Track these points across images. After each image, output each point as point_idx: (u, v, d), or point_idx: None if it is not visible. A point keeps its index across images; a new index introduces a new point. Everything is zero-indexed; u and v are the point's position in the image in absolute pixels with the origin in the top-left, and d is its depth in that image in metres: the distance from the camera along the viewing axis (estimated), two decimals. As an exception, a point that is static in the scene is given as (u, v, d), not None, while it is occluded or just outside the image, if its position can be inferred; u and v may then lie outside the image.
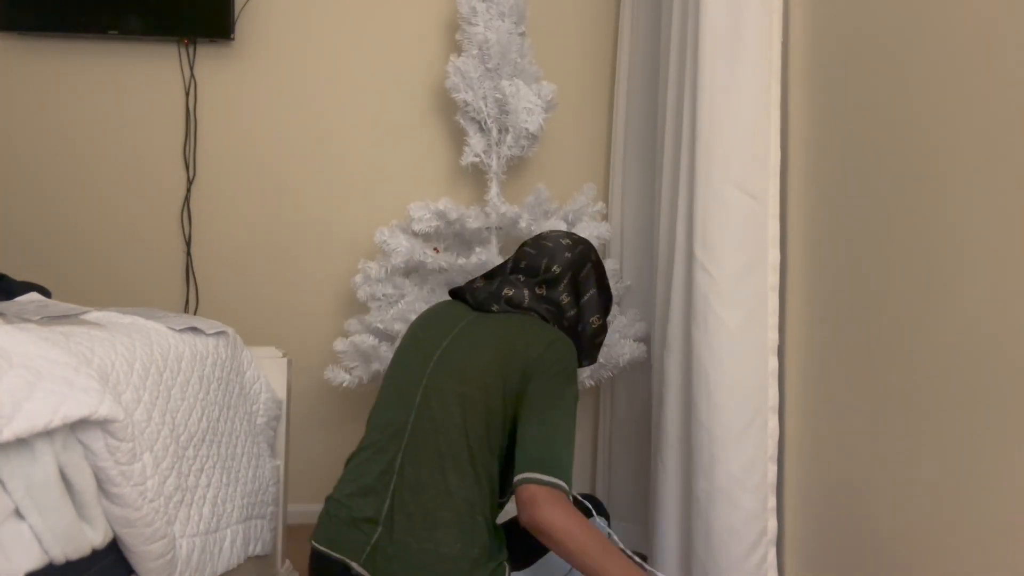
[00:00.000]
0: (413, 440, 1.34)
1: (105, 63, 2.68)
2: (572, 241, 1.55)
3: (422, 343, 1.44)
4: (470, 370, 1.35)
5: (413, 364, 1.42)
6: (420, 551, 1.27)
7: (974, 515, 1.18)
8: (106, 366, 1.16)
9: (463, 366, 1.36)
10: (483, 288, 1.49)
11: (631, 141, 2.51)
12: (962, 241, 1.21)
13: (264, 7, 2.71)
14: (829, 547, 1.58)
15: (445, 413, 1.33)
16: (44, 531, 0.97)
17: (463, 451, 1.30)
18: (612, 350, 2.28)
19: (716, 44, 1.76)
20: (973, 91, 1.19)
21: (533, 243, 1.55)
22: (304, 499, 2.67)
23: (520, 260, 1.52)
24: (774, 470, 1.71)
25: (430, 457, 1.31)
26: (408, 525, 1.29)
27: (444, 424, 1.32)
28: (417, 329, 1.50)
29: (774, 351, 1.72)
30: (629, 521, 2.45)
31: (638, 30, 2.48)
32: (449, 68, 2.41)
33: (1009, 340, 1.11)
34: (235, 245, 2.72)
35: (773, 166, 1.73)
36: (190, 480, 1.37)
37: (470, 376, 1.34)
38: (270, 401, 1.86)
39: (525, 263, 1.51)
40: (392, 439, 1.36)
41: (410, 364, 1.42)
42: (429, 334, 1.45)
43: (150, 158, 2.70)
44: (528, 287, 1.47)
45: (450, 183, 2.76)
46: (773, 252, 1.73)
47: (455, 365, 1.36)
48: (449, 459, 1.30)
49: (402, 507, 1.30)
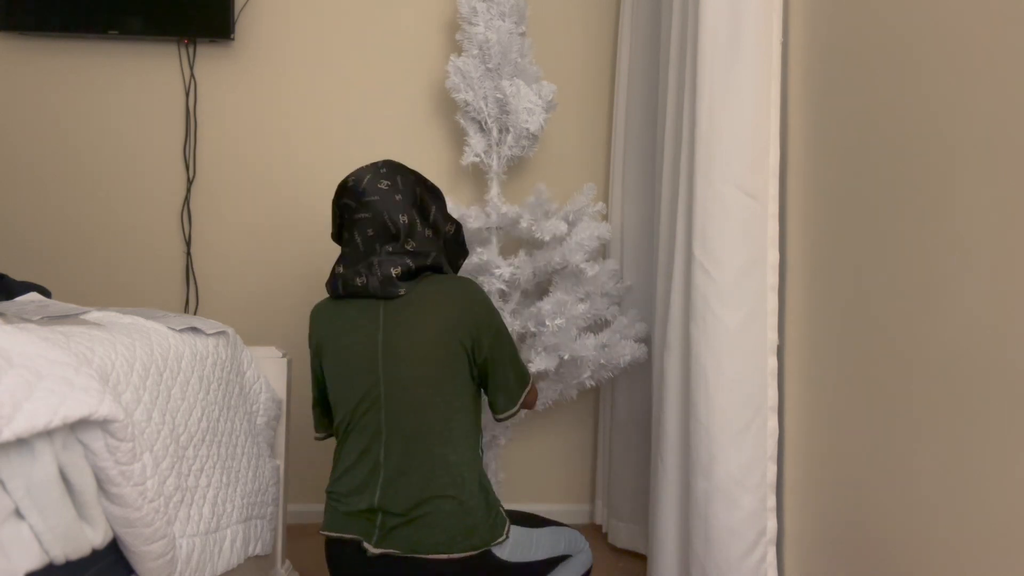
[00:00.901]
0: (391, 433, 1.44)
1: (105, 63, 2.68)
2: (385, 178, 1.50)
3: (354, 347, 1.47)
4: (416, 355, 1.43)
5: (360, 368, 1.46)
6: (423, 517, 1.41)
7: (974, 515, 1.18)
8: (106, 366, 1.16)
9: (408, 353, 1.44)
10: (367, 279, 1.47)
11: (631, 141, 2.51)
12: (962, 241, 1.21)
13: (264, 7, 2.71)
14: (829, 547, 1.58)
15: (411, 400, 1.43)
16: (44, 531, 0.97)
17: (438, 425, 1.43)
18: (613, 350, 2.29)
19: (716, 44, 1.76)
20: (973, 91, 1.19)
21: (357, 204, 1.50)
22: (304, 499, 2.67)
23: (364, 229, 1.49)
24: (773, 470, 1.72)
25: (410, 441, 1.43)
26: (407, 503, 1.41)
27: (414, 409, 1.43)
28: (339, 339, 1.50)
29: (773, 351, 1.73)
30: (629, 520, 2.45)
31: (638, 30, 2.48)
32: (449, 68, 2.41)
33: (1009, 340, 1.11)
34: (235, 245, 2.73)
35: (772, 166, 1.73)
36: (190, 480, 1.37)
37: (419, 358, 1.43)
38: (270, 401, 1.86)
39: (372, 231, 1.48)
40: (372, 439, 1.46)
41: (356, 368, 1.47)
42: (357, 336, 1.48)
43: (150, 158, 2.70)
44: (400, 255, 1.48)
45: (450, 183, 2.76)
46: (772, 252, 1.73)
47: (401, 353, 1.44)
48: (428, 437, 1.43)
49: (395, 492, 1.43)
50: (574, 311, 2.25)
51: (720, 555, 1.70)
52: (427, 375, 1.43)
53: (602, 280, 2.39)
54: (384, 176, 1.51)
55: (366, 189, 1.49)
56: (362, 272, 1.48)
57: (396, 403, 1.44)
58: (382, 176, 1.51)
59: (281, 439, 1.96)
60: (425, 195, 1.55)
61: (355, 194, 1.50)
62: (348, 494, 1.47)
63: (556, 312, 2.23)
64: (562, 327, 2.22)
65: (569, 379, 2.36)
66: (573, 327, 2.26)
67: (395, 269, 1.46)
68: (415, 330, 1.44)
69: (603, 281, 2.39)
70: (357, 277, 1.48)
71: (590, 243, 2.30)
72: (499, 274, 2.28)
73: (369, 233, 1.48)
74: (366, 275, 1.47)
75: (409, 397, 1.43)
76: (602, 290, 2.39)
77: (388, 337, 1.45)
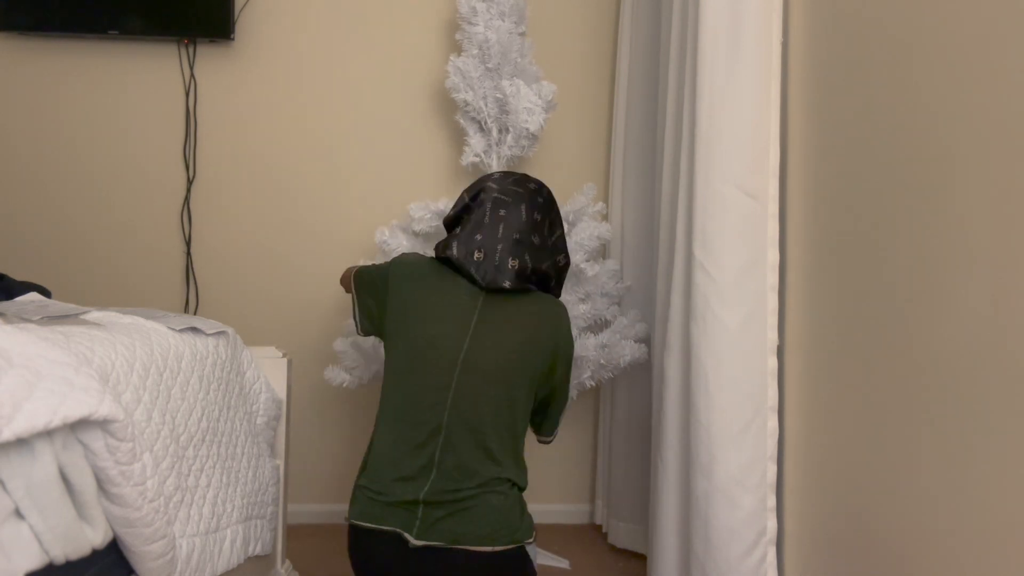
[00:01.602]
0: (449, 438, 1.46)
1: (105, 63, 2.68)
2: (535, 185, 1.62)
3: (439, 341, 1.49)
4: (496, 371, 1.48)
5: (437, 366, 1.48)
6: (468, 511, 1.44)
7: (974, 515, 1.18)
8: (106, 366, 1.16)
9: (489, 367, 1.47)
10: (485, 262, 1.51)
11: (631, 141, 2.51)
12: (962, 241, 1.21)
13: (264, 7, 2.71)
14: (829, 547, 1.58)
15: (477, 412, 1.47)
16: (44, 531, 0.97)
17: (500, 432, 1.48)
18: (613, 351, 2.28)
19: (716, 44, 1.76)
20: (973, 91, 1.19)
21: (502, 189, 1.57)
22: (304, 499, 2.67)
23: (498, 210, 1.54)
24: (773, 470, 1.72)
25: (467, 450, 1.46)
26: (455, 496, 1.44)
27: (477, 422, 1.47)
28: (426, 318, 1.51)
29: (773, 351, 1.73)
30: (629, 521, 2.45)
31: (638, 30, 2.48)
32: (449, 68, 2.41)
33: (1009, 339, 1.11)
34: (235, 245, 2.73)
35: (772, 166, 1.73)
36: (190, 480, 1.37)
37: (497, 377, 1.48)
38: (270, 401, 1.86)
39: (506, 213, 1.54)
40: (430, 436, 1.46)
41: (434, 365, 1.49)
42: (445, 329, 1.49)
43: (150, 158, 2.70)
44: (524, 247, 1.53)
45: (450, 183, 2.76)
46: (772, 252, 1.73)
47: (481, 366, 1.47)
48: (488, 440, 1.47)
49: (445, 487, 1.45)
50: (574, 311, 2.25)
51: (720, 555, 1.70)
52: (501, 382, 1.48)
53: (602, 280, 2.39)
54: (532, 181, 1.63)
55: (517, 180, 1.60)
56: (482, 248, 1.51)
57: (465, 403, 1.46)
58: (531, 180, 1.63)
59: (281, 439, 1.96)
60: (557, 217, 1.65)
61: (502, 180, 1.59)
62: (391, 484, 1.46)
63: (556, 312, 2.23)
64: (562, 327, 2.22)
65: (569, 379, 2.37)
66: (573, 327, 2.26)
67: (513, 261, 1.51)
68: (503, 338, 1.48)
69: (603, 281, 2.39)
70: (477, 251, 1.51)
71: (590, 243, 2.30)
72: (499, 274, 2.27)
73: (502, 214, 1.53)
74: (485, 252, 1.50)
75: (480, 401, 1.46)
76: (602, 290, 2.39)
77: (477, 334, 1.48)
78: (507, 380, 1.49)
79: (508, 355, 1.49)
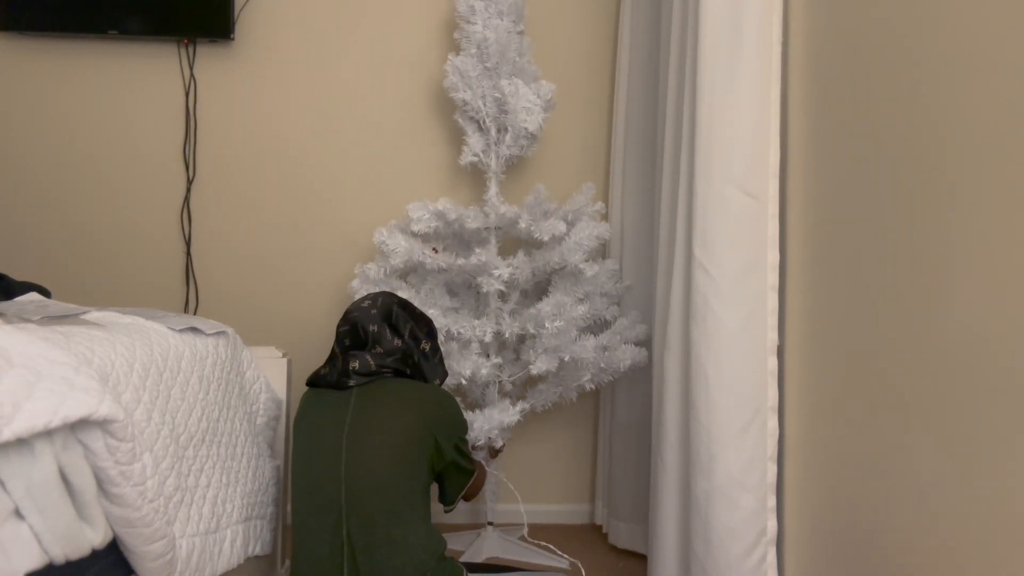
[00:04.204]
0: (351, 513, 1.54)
1: (105, 63, 2.68)
2: (370, 300, 1.77)
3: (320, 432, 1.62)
4: (380, 446, 1.57)
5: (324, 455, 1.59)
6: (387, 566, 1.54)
7: (973, 515, 1.18)
8: (106, 366, 1.16)
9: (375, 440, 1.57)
10: (330, 372, 1.70)
11: (631, 141, 2.51)
12: (962, 240, 1.21)
13: (264, 7, 2.71)
14: (829, 547, 1.58)
15: (371, 485, 1.55)
16: (44, 531, 0.97)
17: (398, 509, 1.56)
18: (613, 355, 2.28)
19: (716, 44, 1.76)
20: (973, 91, 1.20)
21: (343, 320, 1.76)
22: (304, 499, 2.67)
23: (343, 340, 1.74)
24: (773, 470, 1.72)
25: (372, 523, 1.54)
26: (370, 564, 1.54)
27: (374, 493, 1.55)
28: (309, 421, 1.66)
29: (773, 351, 1.73)
30: (629, 521, 2.45)
31: (638, 30, 2.48)
32: (448, 67, 2.41)
33: (1009, 339, 1.11)
34: (235, 245, 2.73)
35: (773, 166, 1.73)
36: (190, 480, 1.37)
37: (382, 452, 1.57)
38: (270, 401, 1.86)
39: (349, 340, 1.73)
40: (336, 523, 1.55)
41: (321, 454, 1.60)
42: (324, 420, 1.63)
43: (150, 158, 2.70)
44: (362, 350, 1.70)
45: (449, 183, 2.76)
46: (772, 252, 1.73)
47: (365, 445, 1.57)
48: (388, 518, 1.55)
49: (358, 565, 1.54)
50: (573, 312, 2.24)
51: (720, 555, 1.70)
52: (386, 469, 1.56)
53: (601, 280, 2.39)
54: (368, 298, 1.78)
55: (351, 309, 1.76)
56: (329, 366, 1.71)
57: (355, 491, 1.54)
58: (365, 300, 1.78)
59: (281, 439, 1.96)
60: (401, 315, 1.77)
61: (344, 315, 1.76)
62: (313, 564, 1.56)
63: (555, 314, 2.22)
64: (561, 329, 2.22)
65: (569, 381, 2.36)
66: (573, 328, 2.26)
67: (353, 363, 1.66)
68: (383, 420, 1.59)
69: (602, 281, 2.39)
70: (323, 370, 1.71)
71: (589, 243, 2.30)
72: (498, 274, 2.27)
73: (345, 342, 1.73)
74: (330, 368, 1.70)
75: (370, 487, 1.54)
76: (601, 290, 2.39)
77: (351, 431, 1.59)
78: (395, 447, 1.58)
79: (391, 425, 1.59)
